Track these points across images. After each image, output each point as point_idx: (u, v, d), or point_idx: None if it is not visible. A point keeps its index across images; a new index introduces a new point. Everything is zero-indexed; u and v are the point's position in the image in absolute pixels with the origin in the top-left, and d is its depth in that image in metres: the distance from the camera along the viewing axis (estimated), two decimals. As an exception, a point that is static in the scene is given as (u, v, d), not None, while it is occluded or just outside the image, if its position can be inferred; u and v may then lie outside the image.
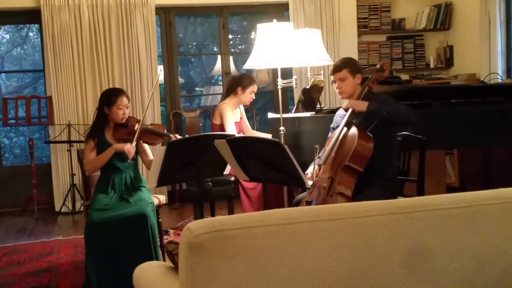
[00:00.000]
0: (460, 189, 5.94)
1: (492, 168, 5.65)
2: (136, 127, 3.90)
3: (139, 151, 4.01)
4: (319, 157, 3.59)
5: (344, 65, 3.57)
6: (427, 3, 7.32)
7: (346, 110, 3.53)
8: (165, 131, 4.03)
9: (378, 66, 3.62)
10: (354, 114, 3.48)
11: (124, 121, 3.91)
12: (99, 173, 3.98)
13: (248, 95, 4.86)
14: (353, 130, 3.38)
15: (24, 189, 6.52)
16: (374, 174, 3.37)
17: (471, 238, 1.65)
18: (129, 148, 3.81)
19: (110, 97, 3.88)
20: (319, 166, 3.49)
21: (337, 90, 3.63)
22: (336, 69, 3.59)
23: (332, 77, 3.63)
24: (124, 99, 3.87)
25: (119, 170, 3.89)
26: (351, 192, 3.26)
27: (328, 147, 3.50)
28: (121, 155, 3.87)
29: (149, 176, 3.55)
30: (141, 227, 3.57)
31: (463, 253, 1.64)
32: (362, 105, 3.41)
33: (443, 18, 7.25)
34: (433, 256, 1.61)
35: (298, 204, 3.59)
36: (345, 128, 3.45)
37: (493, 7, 6.30)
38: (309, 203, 3.35)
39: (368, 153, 3.31)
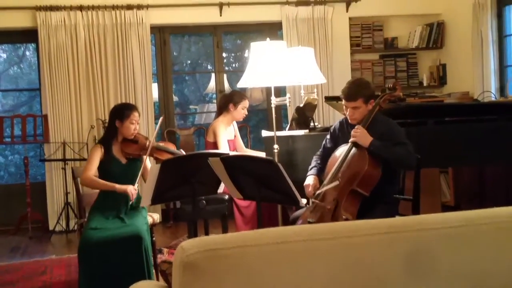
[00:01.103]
0: (455, 207, 5.93)
1: (486, 187, 5.65)
2: (147, 144, 3.90)
3: (142, 169, 3.98)
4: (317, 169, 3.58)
5: (359, 94, 3.39)
6: (419, 22, 7.37)
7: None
8: (176, 150, 4.04)
9: (390, 85, 3.55)
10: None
11: (133, 136, 3.92)
12: (97, 191, 3.95)
13: (240, 111, 4.87)
14: (363, 154, 3.30)
15: (18, 208, 6.46)
16: (377, 197, 3.32)
17: (465, 258, 1.65)
18: (132, 190, 3.76)
19: (123, 110, 3.91)
20: (323, 186, 3.41)
21: (347, 115, 3.51)
22: (351, 97, 3.41)
23: (344, 101, 3.47)
24: (137, 114, 3.91)
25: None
26: (354, 218, 3.21)
27: (334, 167, 3.40)
28: (128, 174, 3.86)
29: (143, 194, 3.54)
30: (135, 248, 3.54)
31: (458, 273, 1.63)
32: (365, 141, 3.31)
33: (435, 37, 7.31)
34: (427, 276, 1.60)
35: (295, 220, 3.52)
36: (354, 148, 3.37)
37: (485, 26, 6.34)
38: (311, 224, 3.25)
39: (376, 179, 3.27)
